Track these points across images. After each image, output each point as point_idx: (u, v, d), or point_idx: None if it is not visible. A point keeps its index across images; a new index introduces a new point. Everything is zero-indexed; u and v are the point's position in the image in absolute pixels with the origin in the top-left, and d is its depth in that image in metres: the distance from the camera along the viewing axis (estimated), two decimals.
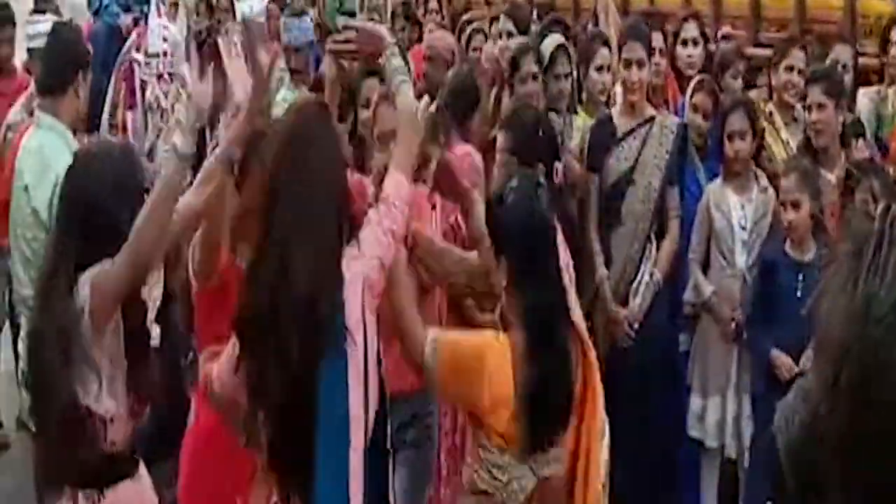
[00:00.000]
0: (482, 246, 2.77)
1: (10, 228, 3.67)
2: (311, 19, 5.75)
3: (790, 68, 4.45)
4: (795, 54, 4.49)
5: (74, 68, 3.67)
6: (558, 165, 3.65)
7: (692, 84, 4.51)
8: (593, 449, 2.65)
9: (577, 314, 2.69)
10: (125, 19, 5.71)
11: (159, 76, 4.91)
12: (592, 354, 2.68)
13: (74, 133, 3.66)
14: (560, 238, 2.72)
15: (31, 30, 4.80)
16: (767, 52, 4.94)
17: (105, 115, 5.15)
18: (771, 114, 4.43)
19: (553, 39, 4.55)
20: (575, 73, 4.51)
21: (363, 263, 2.40)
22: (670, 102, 4.85)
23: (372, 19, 5.11)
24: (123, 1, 5.94)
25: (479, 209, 2.79)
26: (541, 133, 3.61)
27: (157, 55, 4.92)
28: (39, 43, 4.66)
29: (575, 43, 4.80)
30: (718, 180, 4.24)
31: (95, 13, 6.00)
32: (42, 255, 3.57)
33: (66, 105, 3.66)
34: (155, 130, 4.88)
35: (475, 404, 2.54)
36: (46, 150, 3.62)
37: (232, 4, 8.89)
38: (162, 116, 4.87)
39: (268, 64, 2.76)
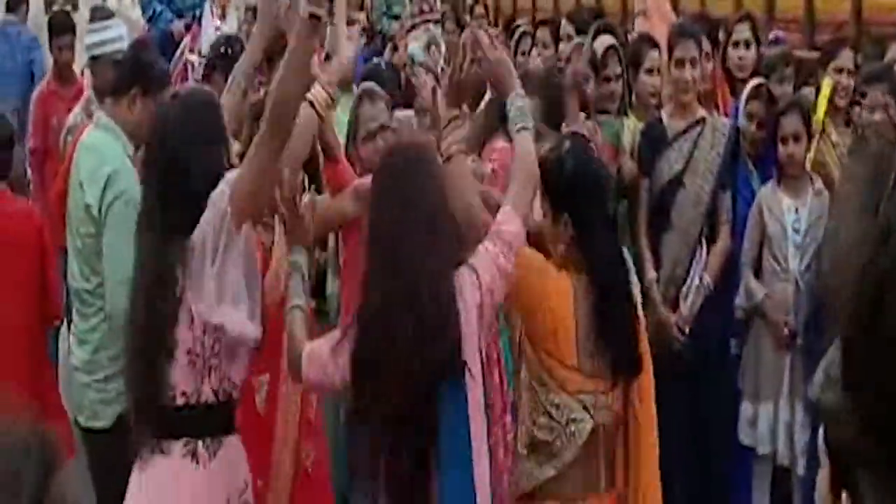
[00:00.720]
0: None
1: (67, 223, 3.74)
2: (360, 24, 5.81)
3: (839, 70, 4.38)
4: (845, 55, 4.41)
5: (131, 82, 3.72)
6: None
7: (747, 90, 4.40)
8: (646, 404, 2.76)
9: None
10: (177, 25, 5.79)
11: None
12: (642, 321, 2.83)
13: (137, 148, 3.74)
14: None
15: (97, 37, 4.83)
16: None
17: None
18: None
19: (603, 41, 4.54)
20: (625, 75, 4.50)
21: (481, 294, 2.42)
22: (720, 107, 4.80)
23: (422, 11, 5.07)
24: (175, 7, 6.02)
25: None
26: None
27: None
28: (104, 50, 4.72)
29: (623, 45, 4.78)
30: (771, 183, 4.18)
31: (149, 20, 6.10)
32: (93, 250, 3.63)
33: (120, 112, 3.72)
34: None
35: (533, 314, 2.65)
36: (101, 147, 3.67)
37: None
38: None
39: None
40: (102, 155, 3.63)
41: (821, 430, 1.08)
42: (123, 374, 2.69)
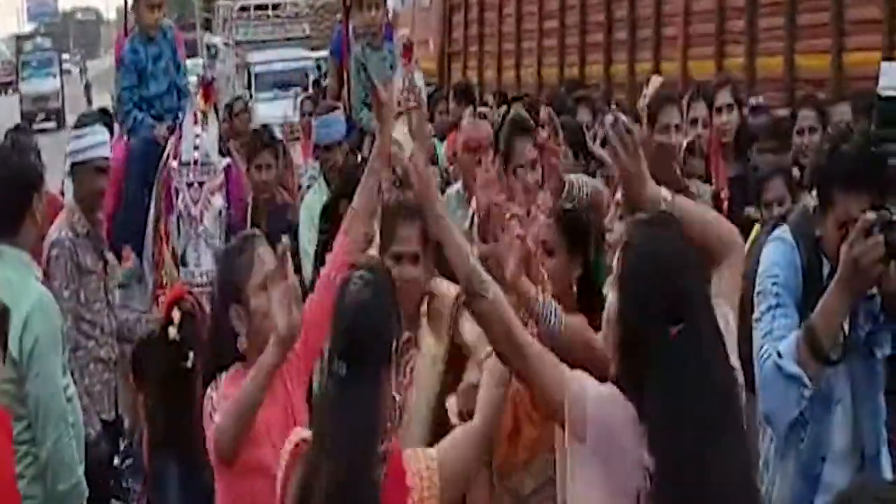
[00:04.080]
0: None
1: None
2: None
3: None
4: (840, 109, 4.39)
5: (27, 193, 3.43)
6: None
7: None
8: None
9: None
10: (160, 129, 5.77)
11: (189, 184, 4.92)
12: None
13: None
14: None
15: (82, 143, 4.83)
16: (805, 111, 4.83)
17: (149, 227, 5.17)
18: None
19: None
20: None
21: None
22: (714, 176, 4.72)
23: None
24: (155, 112, 6.02)
25: None
26: None
27: (188, 164, 4.93)
28: (87, 156, 4.71)
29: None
30: None
31: (129, 130, 6.06)
32: (14, 396, 3.24)
33: (25, 233, 3.45)
34: (186, 238, 4.88)
35: None
36: (12, 285, 3.33)
37: (246, 107, 9.06)
38: (191, 224, 4.87)
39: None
40: (13, 293, 3.26)
41: None
42: None
